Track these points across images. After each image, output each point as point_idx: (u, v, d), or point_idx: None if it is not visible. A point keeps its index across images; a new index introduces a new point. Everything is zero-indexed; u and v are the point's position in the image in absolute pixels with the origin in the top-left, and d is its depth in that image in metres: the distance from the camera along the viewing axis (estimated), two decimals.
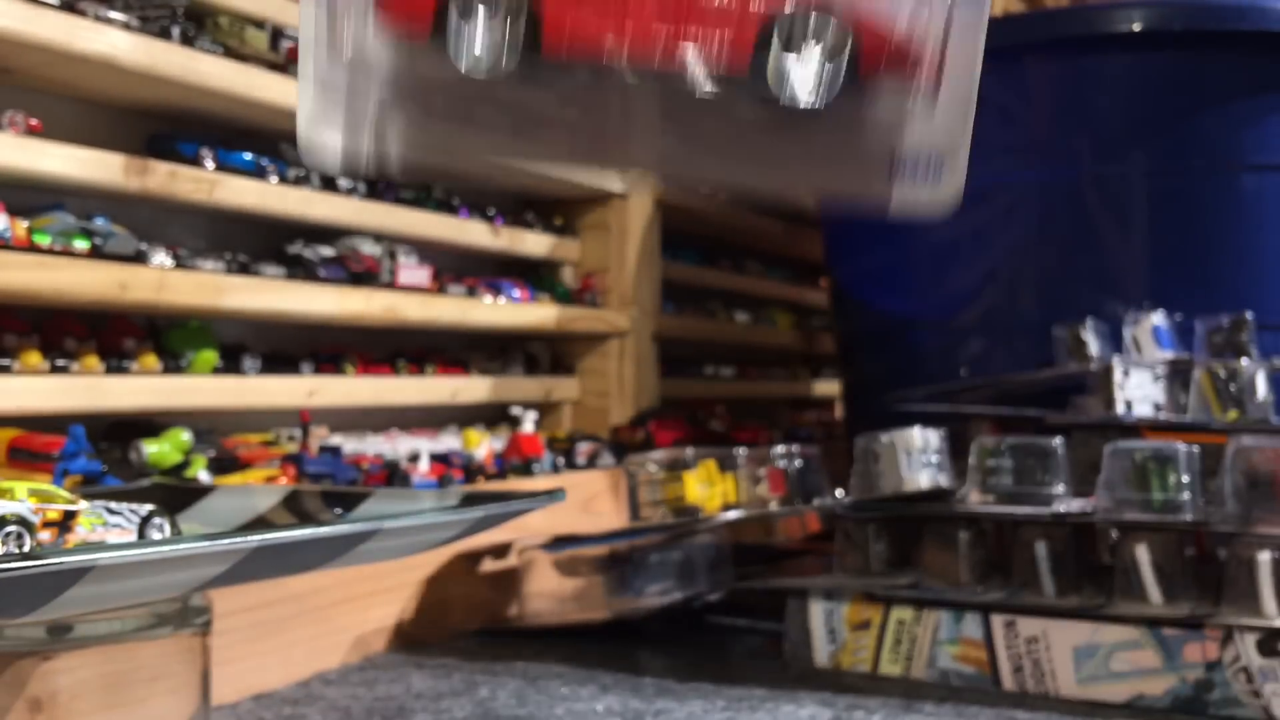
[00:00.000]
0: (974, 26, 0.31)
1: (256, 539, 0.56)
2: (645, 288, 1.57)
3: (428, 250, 1.27)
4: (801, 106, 0.29)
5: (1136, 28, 1.10)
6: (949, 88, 0.31)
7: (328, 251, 1.16)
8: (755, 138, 0.30)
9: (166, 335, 1.07)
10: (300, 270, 1.12)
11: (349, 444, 1.15)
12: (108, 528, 0.65)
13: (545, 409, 1.49)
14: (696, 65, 0.29)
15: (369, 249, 1.19)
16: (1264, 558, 0.83)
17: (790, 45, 0.29)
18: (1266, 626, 0.81)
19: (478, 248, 1.35)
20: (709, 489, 1.04)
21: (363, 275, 1.16)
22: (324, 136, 0.30)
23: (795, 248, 2.03)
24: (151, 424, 1.04)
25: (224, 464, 1.03)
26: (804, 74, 0.29)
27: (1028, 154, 1.17)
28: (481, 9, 0.28)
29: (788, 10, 0.29)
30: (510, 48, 0.28)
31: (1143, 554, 0.86)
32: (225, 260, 1.08)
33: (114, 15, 0.96)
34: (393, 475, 1.11)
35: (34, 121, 0.93)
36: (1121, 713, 0.84)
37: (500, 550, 1.14)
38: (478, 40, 0.28)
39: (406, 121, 0.31)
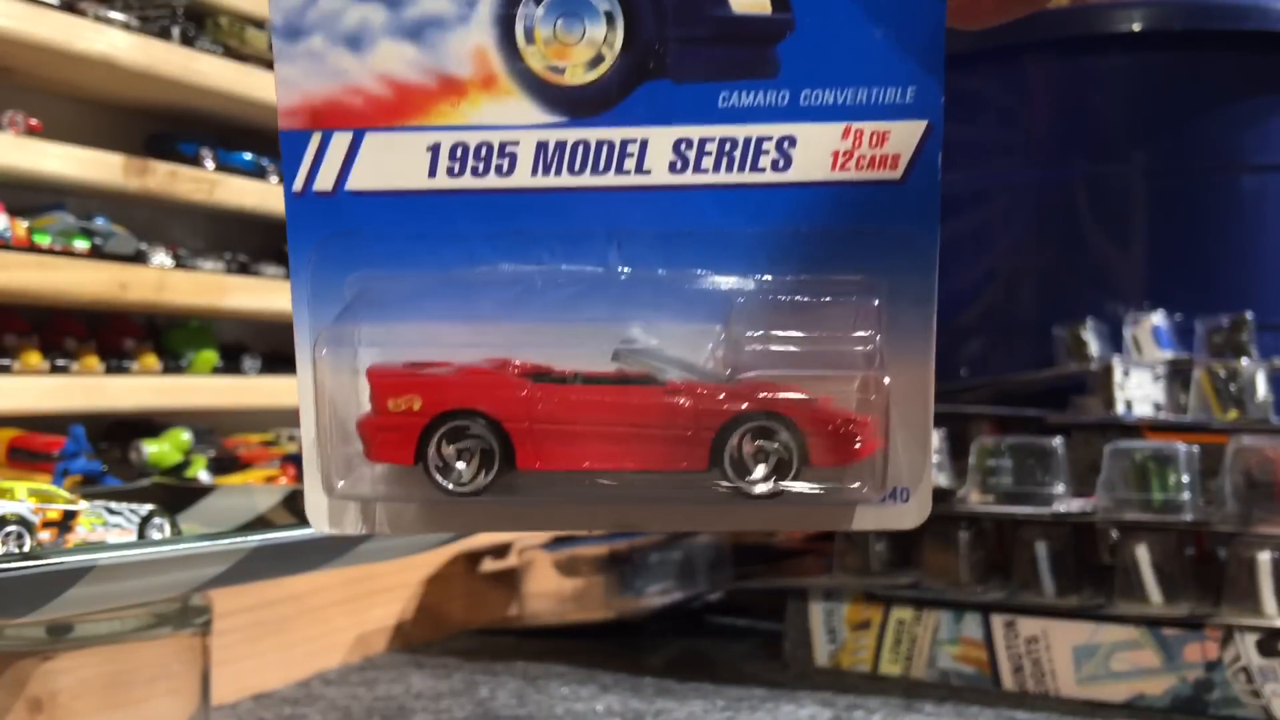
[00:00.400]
0: (921, 379, 0.34)
1: (256, 539, 0.56)
2: None
3: None
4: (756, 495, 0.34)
5: (1136, 28, 1.10)
6: (904, 439, 0.34)
7: None
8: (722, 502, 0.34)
9: (166, 335, 1.07)
10: None
11: None
12: (108, 528, 0.65)
13: None
14: (658, 472, 0.34)
15: None
16: (1264, 558, 0.83)
17: (741, 460, 0.33)
18: (1266, 626, 0.81)
19: None
20: None
21: None
22: (321, 525, 0.36)
23: None
24: (151, 424, 1.04)
25: (224, 464, 1.03)
26: (757, 475, 0.33)
27: (1027, 154, 1.17)
28: (460, 464, 0.34)
29: (740, 411, 0.33)
30: (488, 472, 0.34)
31: (1143, 554, 0.86)
32: (225, 260, 1.08)
33: (114, 15, 0.96)
34: None
35: (34, 121, 0.93)
36: (1121, 712, 0.84)
37: (500, 550, 1.14)
38: (458, 472, 0.34)
39: (393, 510, 0.36)
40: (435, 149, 0.34)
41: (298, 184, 0.35)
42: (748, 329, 0.34)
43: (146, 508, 0.67)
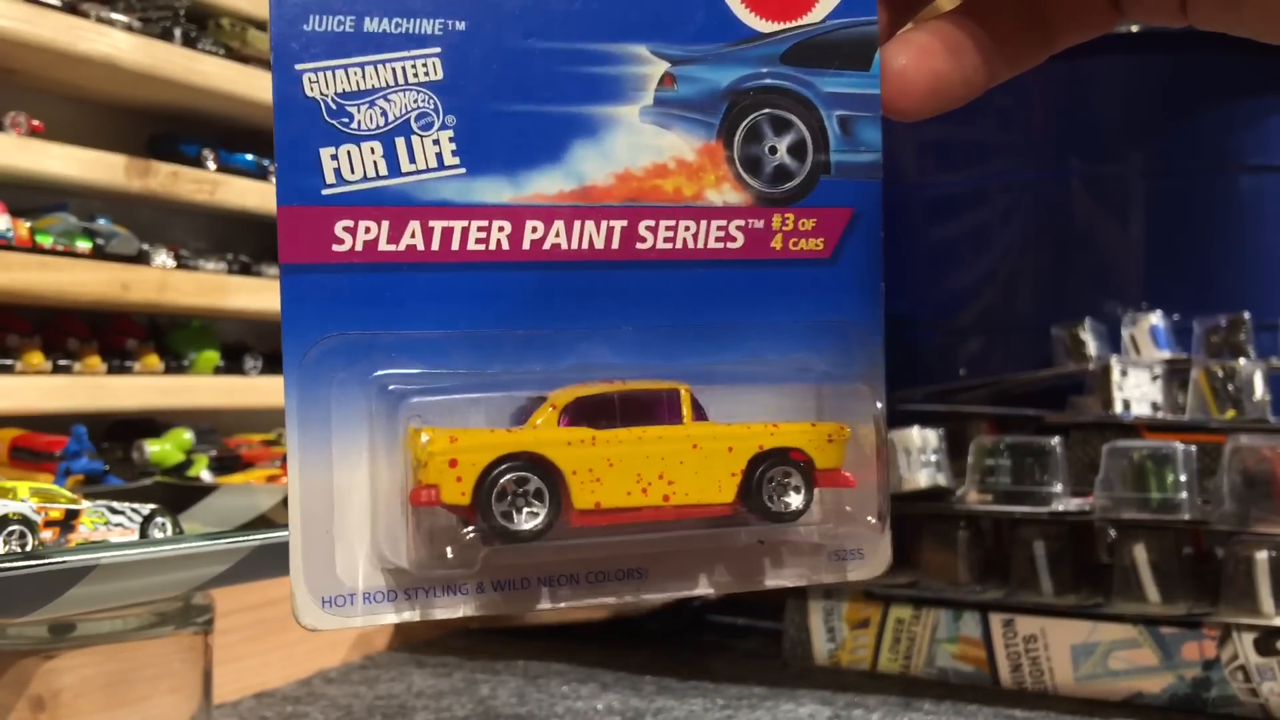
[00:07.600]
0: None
1: (258, 538, 0.57)
2: None
3: None
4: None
5: (1135, 28, 1.10)
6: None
7: None
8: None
9: (168, 335, 1.08)
10: None
11: None
12: (110, 527, 0.65)
13: None
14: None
15: None
16: (1261, 556, 0.83)
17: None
18: (1264, 625, 0.82)
19: None
20: None
21: None
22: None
23: None
24: (153, 423, 1.04)
25: (226, 463, 1.04)
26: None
27: (1026, 154, 1.17)
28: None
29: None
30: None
31: (1140, 553, 0.87)
32: (227, 260, 1.08)
33: (116, 17, 0.96)
34: None
35: (36, 122, 0.93)
36: (1119, 711, 0.84)
37: None
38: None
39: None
40: None
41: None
42: None
43: (148, 507, 0.67)
